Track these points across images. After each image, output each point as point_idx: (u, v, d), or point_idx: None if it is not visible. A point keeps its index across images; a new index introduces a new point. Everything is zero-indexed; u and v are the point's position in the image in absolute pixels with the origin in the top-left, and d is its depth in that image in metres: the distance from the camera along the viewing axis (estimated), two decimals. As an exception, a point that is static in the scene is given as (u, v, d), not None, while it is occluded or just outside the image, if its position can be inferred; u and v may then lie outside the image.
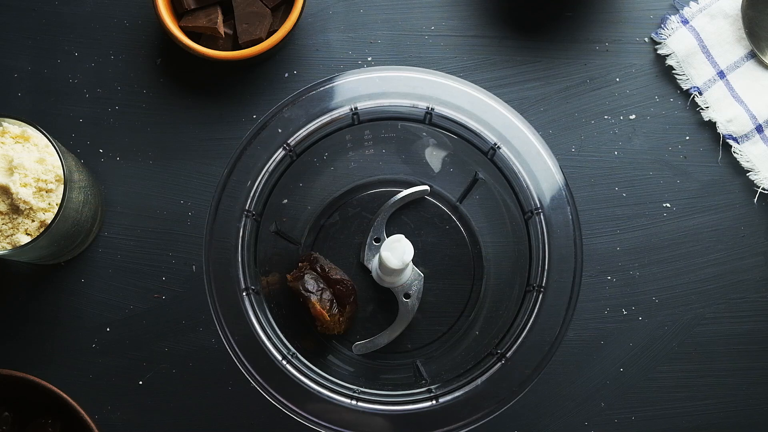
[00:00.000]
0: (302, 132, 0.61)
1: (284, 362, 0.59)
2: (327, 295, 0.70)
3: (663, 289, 0.75)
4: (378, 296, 0.74)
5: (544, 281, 0.59)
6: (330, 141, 0.62)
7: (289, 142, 0.61)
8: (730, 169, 0.76)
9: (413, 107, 0.61)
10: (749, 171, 0.76)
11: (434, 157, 0.72)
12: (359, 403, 0.59)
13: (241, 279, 0.60)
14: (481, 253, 0.74)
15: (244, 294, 0.60)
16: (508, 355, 0.59)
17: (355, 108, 0.61)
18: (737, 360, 0.75)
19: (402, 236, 0.67)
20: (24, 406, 0.71)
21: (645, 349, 0.74)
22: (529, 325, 0.59)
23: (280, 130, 0.61)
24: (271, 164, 0.61)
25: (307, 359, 0.60)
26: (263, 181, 0.61)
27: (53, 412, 0.71)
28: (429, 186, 0.74)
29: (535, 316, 0.59)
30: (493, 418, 0.58)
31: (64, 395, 0.69)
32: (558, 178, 0.60)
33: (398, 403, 0.59)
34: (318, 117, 0.61)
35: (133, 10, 0.78)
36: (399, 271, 0.68)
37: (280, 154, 0.61)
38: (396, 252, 0.66)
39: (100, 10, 0.78)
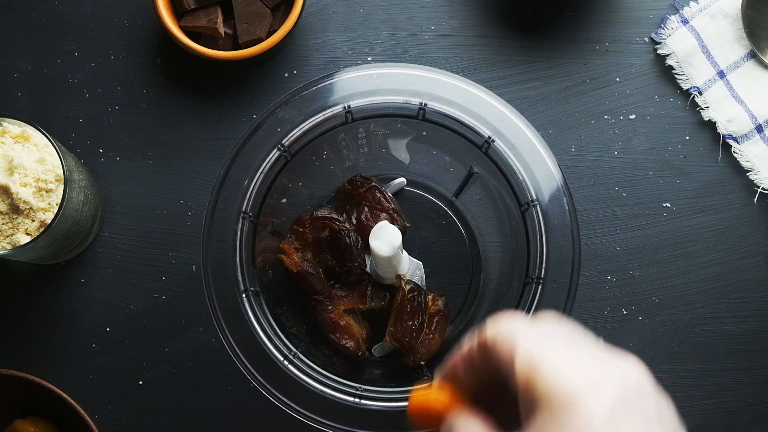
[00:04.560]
0: (296, 132, 0.61)
1: (285, 362, 0.59)
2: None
3: (663, 289, 0.75)
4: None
5: (543, 273, 0.59)
6: (325, 140, 0.62)
7: (283, 142, 0.60)
8: (730, 169, 0.76)
9: (406, 103, 0.61)
10: (749, 171, 0.76)
11: (429, 153, 0.72)
12: (362, 401, 0.58)
13: (240, 281, 0.60)
14: (478, 248, 0.74)
15: (243, 296, 0.59)
16: (508, 353, 0.59)
17: (348, 106, 0.61)
18: (737, 360, 0.74)
19: (386, 222, 0.65)
20: (24, 406, 0.71)
21: (645, 349, 0.74)
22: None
23: (275, 130, 0.61)
24: (266, 165, 0.60)
25: (308, 357, 0.60)
26: (259, 182, 0.60)
27: (53, 412, 0.70)
28: (406, 178, 0.74)
29: (535, 308, 0.59)
30: (493, 417, 0.58)
31: (64, 395, 0.69)
32: (553, 169, 0.60)
33: (402, 400, 0.58)
34: (312, 116, 0.61)
35: (133, 10, 0.78)
36: (393, 259, 0.66)
37: (275, 154, 0.60)
38: (384, 239, 0.64)
39: (100, 10, 0.78)
